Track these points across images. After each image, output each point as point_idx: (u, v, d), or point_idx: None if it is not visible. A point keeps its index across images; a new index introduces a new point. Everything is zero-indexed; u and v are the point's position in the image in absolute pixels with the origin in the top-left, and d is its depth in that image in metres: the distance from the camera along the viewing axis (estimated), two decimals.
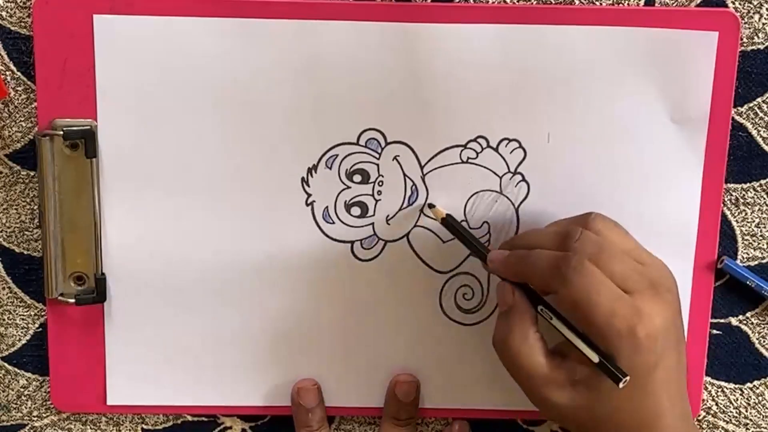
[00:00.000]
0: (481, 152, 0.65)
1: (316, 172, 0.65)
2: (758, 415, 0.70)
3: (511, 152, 0.65)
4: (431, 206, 0.65)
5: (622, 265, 0.57)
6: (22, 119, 0.64)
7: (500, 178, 0.65)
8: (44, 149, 0.63)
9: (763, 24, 0.63)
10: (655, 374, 0.57)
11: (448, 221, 0.64)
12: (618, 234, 0.60)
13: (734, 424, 0.70)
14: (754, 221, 0.67)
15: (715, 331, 0.68)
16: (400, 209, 0.66)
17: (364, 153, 0.65)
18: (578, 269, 0.56)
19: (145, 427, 0.69)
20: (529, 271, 0.59)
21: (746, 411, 0.70)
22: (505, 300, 0.60)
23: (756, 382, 0.69)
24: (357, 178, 0.65)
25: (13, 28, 0.63)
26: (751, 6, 0.63)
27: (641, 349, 0.56)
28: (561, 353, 0.59)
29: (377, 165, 0.65)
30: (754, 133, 0.65)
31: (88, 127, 0.63)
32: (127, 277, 0.66)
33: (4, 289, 0.67)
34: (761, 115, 0.65)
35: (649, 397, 0.57)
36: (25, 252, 0.67)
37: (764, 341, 0.69)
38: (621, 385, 0.56)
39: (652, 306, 0.57)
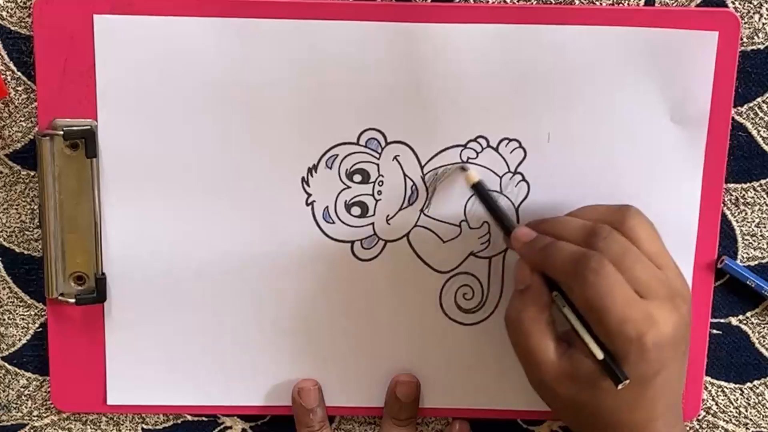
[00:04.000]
0: (481, 152, 0.65)
1: (316, 172, 0.65)
2: (758, 415, 0.70)
3: (511, 152, 0.65)
4: (464, 169, 0.64)
5: (643, 270, 0.57)
6: (22, 119, 0.64)
7: (500, 178, 0.65)
8: (44, 149, 0.63)
9: (763, 24, 0.63)
10: (656, 380, 0.57)
11: (478, 188, 0.63)
12: (648, 235, 0.59)
13: (734, 424, 0.70)
14: (754, 221, 0.67)
15: (715, 331, 0.68)
16: (400, 209, 0.66)
17: (364, 153, 0.65)
18: (596, 270, 0.55)
19: (145, 427, 0.69)
20: (549, 262, 0.58)
21: (746, 411, 0.70)
22: (522, 279, 0.60)
23: (756, 382, 0.69)
24: (357, 178, 0.65)
25: (13, 28, 0.63)
26: (751, 6, 0.63)
27: (647, 357, 0.56)
28: (567, 341, 0.59)
29: (377, 165, 0.65)
30: (754, 133, 0.65)
31: (88, 127, 0.63)
32: (127, 277, 0.66)
33: (4, 289, 0.67)
34: (761, 115, 0.65)
35: (647, 402, 0.58)
36: (25, 252, 0.67)
37: (764, 341, 0.69)
38: (620, 387, 0.56)
39: (666, 315, 0.56)
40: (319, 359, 0.68)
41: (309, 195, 0.65)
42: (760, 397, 0.70)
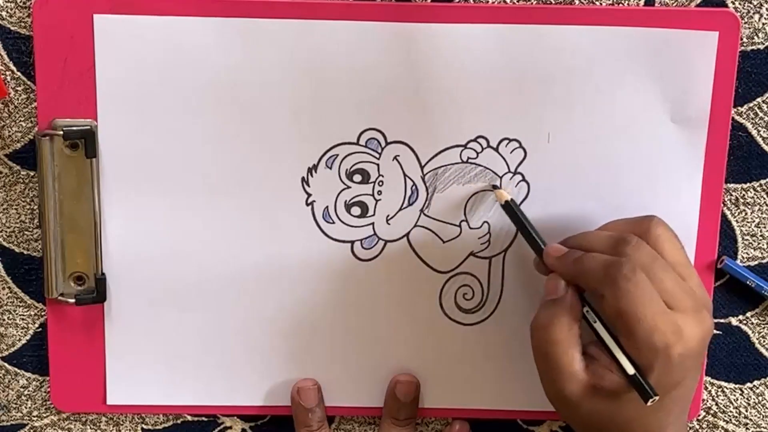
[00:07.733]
0: (481, 152, 0.65)
1: (316, 172, 0.65)
2: (758, 415, 0.70)
3: (511, 152, 0.65)
4: (495, 187, 0.65)
5: (672, 280, 0.57)
6: (22, 119, 0.64)
7: (500, 178, 0.65)
8: (44, 149, 0.63)
9: (763, 24, 0.63)
10: (674, 391, 0.57)
11: (509, 207, 0.64)
12: (673, 245, 0.59)
13: (734, 424, 0.70)
14: (754, 221, 0.67)
15: (715, 331, 0.68)
16: (400, 209, 0.66)
17: (364, 153, 0.65)
18: (629, 277, 0.56)
19: (145, 427, 0.69)
20: (583, 274, 0.58)
21: (746, 411, 0.70)
22: (555, 291, 0.60)
23: (756, 382, 0.69)
24: (357, 178, 0.65)
25: (13, 28, 0.63)
26: (751, 6, 0.63)
27: (671, 369, 0.56)
28: (589, 354, 0.59)
29: (377, 165, 0.65)
30: (754, 133, 0.65)
31: (88, 127, 0.63)
32: (127, 277, 0.66)
33: (4, 289, 0.67)
34: (761, 115, 0.65)
35: (662, 411, 0.58)
36: (25, 252, 0.67)
37: (764, 341, 0.69)
38: (649, 403, 0.56)
39: (692, 328, 0.56)
40: (319, 359, 0.68)
41: (309, 195, 0.65)
42: (760, 397, 0.70)
